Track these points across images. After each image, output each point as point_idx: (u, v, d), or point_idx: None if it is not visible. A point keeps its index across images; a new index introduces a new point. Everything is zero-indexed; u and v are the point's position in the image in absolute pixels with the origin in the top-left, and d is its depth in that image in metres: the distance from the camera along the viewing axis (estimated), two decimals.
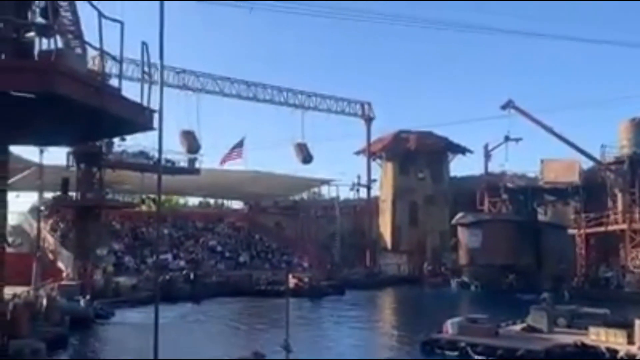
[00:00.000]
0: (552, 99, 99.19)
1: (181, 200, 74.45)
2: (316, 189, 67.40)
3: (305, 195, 67.44)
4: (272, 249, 56.14)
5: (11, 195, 11.03)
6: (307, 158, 53.65)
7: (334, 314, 35.52)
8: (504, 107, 52.56)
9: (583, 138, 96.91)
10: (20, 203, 47.04)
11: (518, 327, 23.24)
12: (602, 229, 44.82)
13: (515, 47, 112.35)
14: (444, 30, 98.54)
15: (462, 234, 53.04)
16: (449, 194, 60.74)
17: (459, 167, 65.36)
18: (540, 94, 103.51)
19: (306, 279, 43.90)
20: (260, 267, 50.80)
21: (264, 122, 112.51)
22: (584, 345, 19.77)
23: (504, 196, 53.98)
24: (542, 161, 52.75)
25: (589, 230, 45.66)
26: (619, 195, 46.36)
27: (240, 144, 51.87)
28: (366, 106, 60.20)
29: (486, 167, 57.15)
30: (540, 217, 55.12)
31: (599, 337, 19.92)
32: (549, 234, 50.43)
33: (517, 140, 53.85)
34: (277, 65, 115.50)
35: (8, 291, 16.81)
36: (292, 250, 56.45)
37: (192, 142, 45.68)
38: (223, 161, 51.29)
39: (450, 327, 21.85)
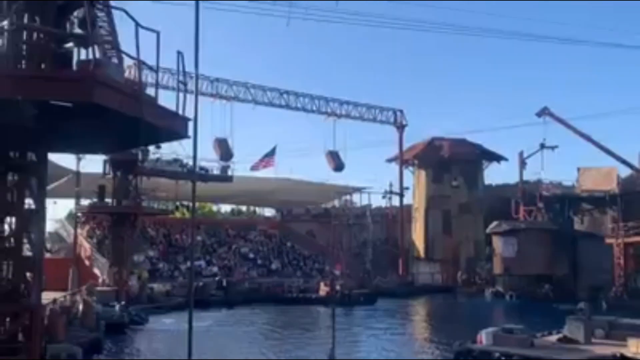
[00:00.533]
0: (589, 106, 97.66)
1: (214, 208, 75.08)
2: (348, 197, 67.28)
3: (337, 202, 67.37)
4: (304, 256, 56.20)
5: (48, 202, 11.22)
6: (339, 166, 53.66)
7: (366, 322, 35.36)
8: (539, 114, 51.82)
9: (621, 146, 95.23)
10: (57, 209, 48.14)
11: (554, 337, 22.77)
12: None
13: (551, 54, 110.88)
14: (478, 37, 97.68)
15: (497, 243, 52.36)
16: (483, 203, 60.03)
17: (494, 175, 64.70)
18: (577, 101, 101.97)
19: (338, 287, 43.79)
20: (292, 275, 50.92)
21: (296, 129, 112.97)
22: (623, 357, 19.30)
23: (540, 205, 53.13)
24: (578, 169, 51.87)
25: (628, 240, 44.60)
26: None
27: (272, 152, 52.17)
28: (398, 113, 60.00)
29: (521, 175, 56.39)
30: (577, 226, 54.08)
31: (639, 349, 19.40)
32: (585, 243, 49.47)
33: (553, 147, 53.08)
34: (309, 73, 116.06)
35: (45, 296, 17.12)
36: (323, 258, 56.41)
37: (225, 150, 46.08)
38: (254, 168, 51.60)
39: (484, 337, 21.53)
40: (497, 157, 62.10)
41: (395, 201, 62.53)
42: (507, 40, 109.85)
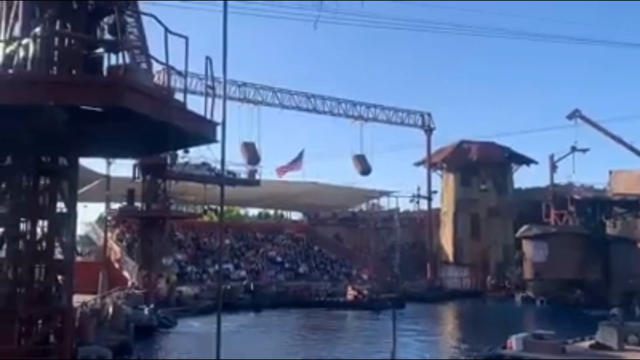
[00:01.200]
0: (621, 108, 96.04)
1: (242, 211, 75.46)
2: (375, 201, 67.08)
3: (364, 206, 67.20)
4: (331, 260, 56.15)
5: (79, 206, 11.36)
6: (365, 169, 53.49)
7: (396, 328, 35.11)
8: (570, 117, 51.20)
9: None
10: (87, 213, 48.83)
11: (586, 344, 22.39)
12: None
13: (582, 55, 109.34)
14: (508, 39, 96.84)
15: (527, 247, 51.74)
16: (513, 206, 59.36)
17: (524, 178, 63.83)
18: (609, 103, 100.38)
19: (365, 291, 43.72)
20: (319, 279, 50.90)
21: (323, 133, 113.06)
22: None
23: (571, 208, 52.43)
24: (611, 172, 51.10)
25: None
26: None
27: (299, 157, 52.24)
28: (426, 116, 59.64)
29: (552, 179, 55.74)
30: (609, 230, 53.17)
31: None
32: (618, 247, 48.61)
33: (584, 150, 52.44)
34: (336, 76, 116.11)
35: (76, 299, 17.36)
36: (351, 262, 56.30)
37: (252, 154, 46.26)
38: (279, 172, 51.62)
39: (514, 343, 21.27)
40: (526, 160, 61.39)
41: (423, 205, 62.12)
42: (538, 42, 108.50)
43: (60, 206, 10.04)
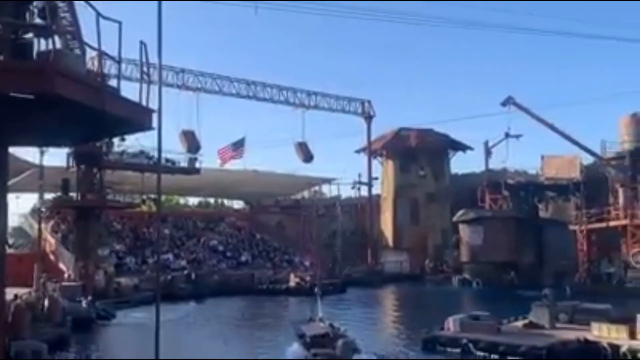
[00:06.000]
0: (552, 95, 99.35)
1: (181, 200, 74.46)
2: (317, 188, 67.36)
3: (306, 194, 67.40)
4: (274, 248, 56.15)
5: (11, 197, 11.01)
6: (308, 157, 53.60)
7: (336, 312, 35.49)
8: (504, 104, 52.52)
9: (583, 134, 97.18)
10: (20, 204, 47.19)
11: (520, 323, 23.20)
12: (603, 224, 44.78)
13: (514, 44, 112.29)
14: (442, 27, 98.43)
15: (464, 231, 53.07)
16: (450, 192, 60.76)
17: (460, 164, 65.45)
18: (540, 91, 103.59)
19: (308, 278, 43.98)
20: (262, 267, 50.85)
21: (265, 121, 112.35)
22: (586, 341, 19.72)
23: (505, 193, 53.96)
24: (542, 157, 52.75)
25: (590, 226, 45.62)
26: (620, 191, 46.36)
27: (241, 143, 51.75)
28: (366, 104, 60.15)
29: (487, 164, 57.22)
30: (541, 214, 55.13)
31: (601, 332, 19.87)
32: (550, 230, 50.46)
33: (517, 136, 53.93)
34: (276, 64, 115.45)
35: (9, 292, 16.81)
36: (293, 250, 56.45)
37: (192, 142, 45.64)
38: (223, 156, 50.73)
39: (452, 324, 21.83)
40: (463, 147, 62.89)
41: (365, 191, 62.86)
42: (471, 30, 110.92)
43: None
